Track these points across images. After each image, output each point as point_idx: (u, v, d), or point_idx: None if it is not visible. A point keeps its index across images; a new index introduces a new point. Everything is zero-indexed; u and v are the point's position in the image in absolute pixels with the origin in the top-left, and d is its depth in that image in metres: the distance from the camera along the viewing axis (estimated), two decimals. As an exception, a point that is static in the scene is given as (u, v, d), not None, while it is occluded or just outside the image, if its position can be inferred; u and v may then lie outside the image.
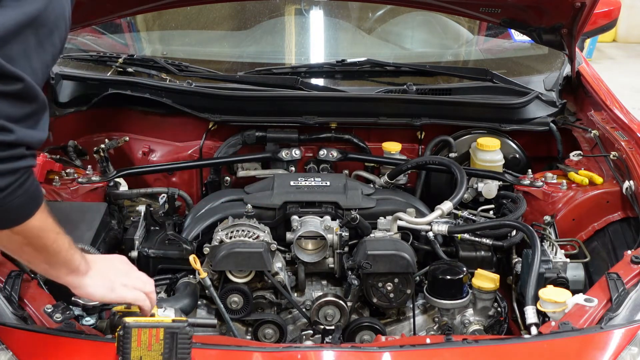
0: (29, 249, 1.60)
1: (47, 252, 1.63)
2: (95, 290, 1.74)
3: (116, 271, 1.80)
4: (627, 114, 2.83)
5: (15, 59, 1.42)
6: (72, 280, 1.71)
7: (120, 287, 1.77)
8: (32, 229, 1.55)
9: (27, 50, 1.45)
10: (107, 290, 1.76)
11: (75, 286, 1.73)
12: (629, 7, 8.93)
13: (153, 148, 3.02)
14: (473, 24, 3.58)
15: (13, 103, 1.43)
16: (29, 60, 1.45)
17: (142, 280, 1.83)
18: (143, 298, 1.80)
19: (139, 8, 2.96)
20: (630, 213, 2.44)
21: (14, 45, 1.42)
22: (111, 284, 1.76)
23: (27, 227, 1.53)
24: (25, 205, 1.51)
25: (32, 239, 1.57)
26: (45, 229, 1.59)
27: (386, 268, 2.26)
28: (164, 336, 1.65)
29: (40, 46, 1.47)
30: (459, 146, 2.93)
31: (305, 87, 2.99)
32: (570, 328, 1.83)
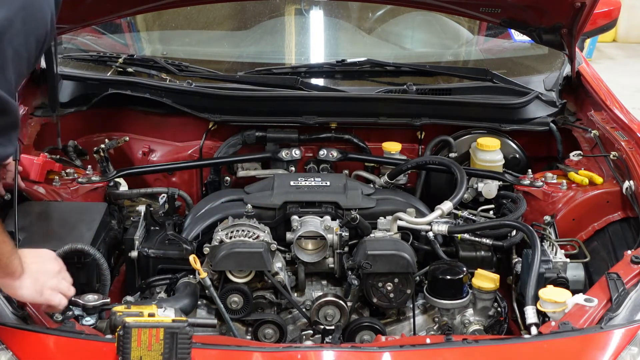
0: None
1: None
2: (25, 292, 1.79)
3: (46, 273, 1.84)
4: (627, 114, 2.83)
5: None
6: (5, 282, 1.76)
7: (48, 290, 1.82)
8: None
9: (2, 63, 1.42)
10: (36, 293, 1.80)
11: (7, 287, 1.77)
12: (629, 7, 8.93)
13: (153, 148, 3.02)
14: (473, 24, 3.58)
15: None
16: (3, 71, 1.43)
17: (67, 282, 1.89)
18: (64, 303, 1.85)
19: (139, 8, 2.96)
20: (630, 213, 2.44)
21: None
22: (40, 287, 1.81)
23: None
24: None
25: None
26: None
27: (386, 268, 2.26)
28: (164, 336, 1.65)
29: (16, 55, 1.44)
30: (459, 146, 2.93)
31: (305, 87, 2.99)
32: (570, 328, 1.83)
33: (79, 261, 2.25)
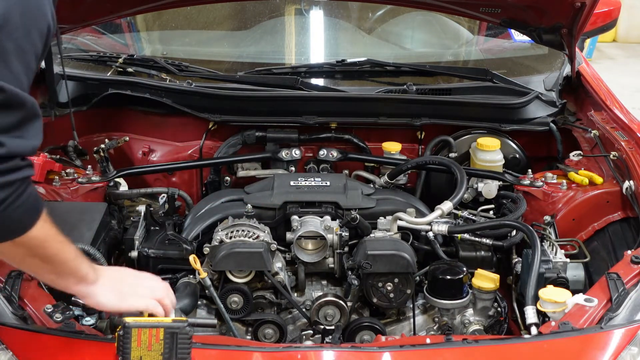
0: (34, 260, 1.59)
1: (52, 263, 1.62)
2: (105, 299, 1.74)
3: (126, 280, 1.80)
4: (627, 114, 2.83)
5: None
6: (80, 289, 1.71)
7: (131, 295, 1.77)
8: (34, 240, 1.54)
9: (4, 57, 1.41)
10: (117, 299, 1.75)
11: (84, 295, 1.72)
12: (629, 7, 8.93)
13: (153, 148, 3.02)
14: (473, 24, 3.58)
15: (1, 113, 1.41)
16: (8, 66, 1.42)
17: (151, 288, 1.82)
18: (154, 305, 1.79)
19: (139, 8, 2.96)
20: (630, 213, 2.44)
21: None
22: (121, 294, 1.76)
23: (28, 238, 1.52)
24: (24, 216, 1.50)
25: (35, 249, 1.56)
26: (48, 239, 1.58)
27: (386, 268, 2.26)
28: (164, 336, 1.65)
29: (19, 49, 1.43)
30: (459, 146, 2.93)
31: (305, 87, 2.99)
32: (570, 328, 1.83)
33: (79, 261, 2.25)
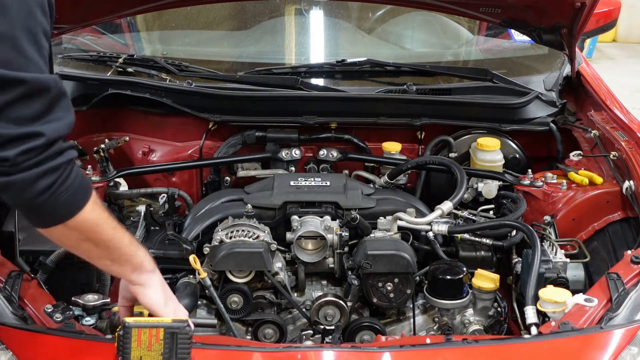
0: (88, 245, 1.60)
1: (106, 247, 1.62)
2: (156, 295, 1.73)
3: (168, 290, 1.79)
4: (627, 114, 2.83)
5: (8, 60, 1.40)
6: (137, 277, 1.71)
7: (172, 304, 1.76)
8: (86, 223, 1.55)
9: (14, 44, 1.42)
10: (163, 300, 1.75)
11: (139, 283, 1.71)
12: (629, 7, 8.93)
13: (153, 148, 3.01)
14: (473, 24, 3.58)
15: (27, 105, 1.43)
16: (22, 53, 1.42)
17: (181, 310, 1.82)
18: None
19: (139, 8, 2.96)
20: (630, 213, 2.44)
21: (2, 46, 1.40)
22: (165, 296, 1.76)
23: (80, 220, 1.54)
24: (72, 199, 1.51)
25: (88, 233, 1.57)
26: (100, 223, 1.59)
27: (386, 268, 2.26)
28: (164, 336, 1.65)
29: (27, 31, 1.43)
30: (459, 146, 2.93)
31: (305, 87, 2.99)
32: (570, 328, 1.83)
33: (79, 261, 2.23)
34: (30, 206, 1.49)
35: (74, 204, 1.53)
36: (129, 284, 1.73)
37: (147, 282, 1.72)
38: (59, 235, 1.57)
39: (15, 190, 1.45)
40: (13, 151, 1.42)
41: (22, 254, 2.18)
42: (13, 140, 1.42)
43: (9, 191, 1.46)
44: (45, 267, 2.18)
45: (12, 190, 1.45)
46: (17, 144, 1.42)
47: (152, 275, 1.73)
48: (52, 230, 1.55)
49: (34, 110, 1.44)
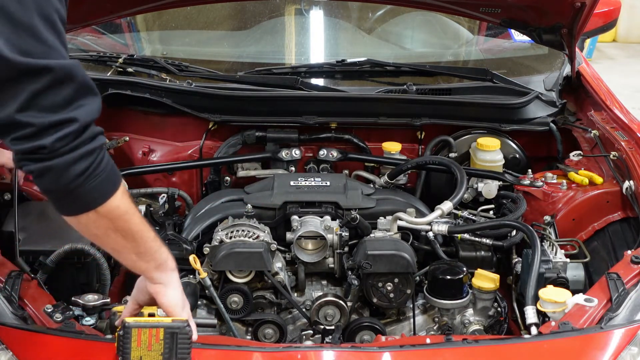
0: (116, 236, 1.60)
1: (134, 239, 1.62)
2: (175, 296, 1.73)
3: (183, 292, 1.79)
4: (627, 114, 2.83)
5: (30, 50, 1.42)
6: (159, 275, 1.70)
7: (187, 307, 1.76)
8: (117, 210, 1.56)
9: (34, 32, 1.43)
10: (181, 303, 1.74)
11: (161, 282, 1.71)
12: (629, 7, 8.93)
13: (153, 148, 3.01)
14: (473, 24, 3.58)
15: (56, 92, 1.44)
16: (43, 41, 1.44)
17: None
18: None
19: (139, 8, 2.96)
20: (630, 213, 2.44)
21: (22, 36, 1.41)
22: (183, 300, 1.75)
23: (111, 207, 1.55)
24: (106, 183, 1.53)
25: (118, 221, 1.58)
26: (129, 212, 1.60)
27: (386, 268, 2.26)
28: (164, 336, 1.65)
29: (44, 18, 1.44)
30: (459, 146, 2.93)
31: (305, 87, 2.99)
32: (570, 328, 1.83)
33: (79, 261, 2.25)
34: (65, 192, 1.50)
35: (107, 188, 1.54)
36: (150, 282, 1.72)
37: (169, 281, 1.72)
38: (88, 224, 1.57)
39: (52, 175, 1.46)
40: (49, 139, 1.43)
41: (22, 254, 2.18)
42: (48, 128, 1.43)
43: (46, 177, 1.47)
44: (45, 267, 2.18)
45: (49, 176, 1.47)
46: (53, 131, 1.44)
47: (173, 274, 1.73)
48: (82, 217, 1.55)
49: (64, 96, 1.45)
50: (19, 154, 1.47)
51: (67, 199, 1.52)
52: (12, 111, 1.42)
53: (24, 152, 1.46)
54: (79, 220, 1.56)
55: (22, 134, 1.44)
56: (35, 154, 1.45)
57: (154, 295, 1.73)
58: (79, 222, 1.57)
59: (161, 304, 1.72)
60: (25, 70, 1.41)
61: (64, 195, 1.51)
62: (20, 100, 1.42)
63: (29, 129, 1.43)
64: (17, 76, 1.41)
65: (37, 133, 1.43)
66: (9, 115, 1.42)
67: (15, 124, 1.43)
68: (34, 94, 1.42)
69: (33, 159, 1.46)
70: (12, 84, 1.41)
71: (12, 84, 1.41)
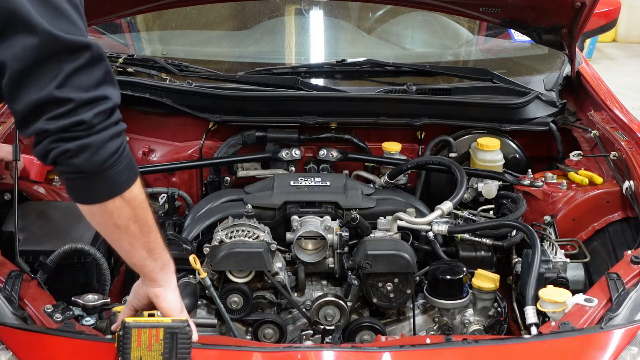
0: (135, 227, 1.61)
1: (149, 232, 1.64)
2: (174, 300, 1.73)
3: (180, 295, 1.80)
4: (627, 114, 2.83)
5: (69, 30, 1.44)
6: (162, 277, 1.71)
7: (185, 311, 1.77)
8: (139, 196, 1.59)
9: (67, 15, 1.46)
10: (179, 307, 1.75)
11: (162, 284, 1.71)
12: (629, 7, 8.93)
13: (153, 148, 3.01)
14: (473, 24, 3.58)
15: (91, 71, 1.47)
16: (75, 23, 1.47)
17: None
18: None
19: (139, 8, 2.96)
20: (630, 213, 2.44)
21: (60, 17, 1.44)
22: (181, 304, 1.76)
23: (134, 192, 1.58)
24: (130, 166, 1.57)
25: (138, 209, 1.59)
26: (146, 200, 1.63)
27: (386, 268, 2.26)
28: (164, 336, 1.65)
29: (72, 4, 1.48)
30: (459, 146, 2.93)
31: (305, 87, 2.99)
32: (570, 328, 1.83)
33: (79, 261, 2.25)
34: (99, 172, 1.50)
35: (132, 172, 1.57)
36: (151, 285, 1.72)
37: (169, 284, 1.73)
38: (113, 212, 1.57)
39: (90, 152, 1.47)
40: (89, 114, 1.45)
41: (22, 254, 2.18)
42: (86, 104, 1.46)
43: (83, 155, 1.48)
44: (45, 267, 2.18)
45: (86, 154, 1.47)
46: (91, 106, 1.46)
47: (174, 278, 1.74)
48: (109, 204, 1.55)
49: (96, 77, 1.48)
50: (53, 134, 1.46)
51: (98, 182, 1.53)
52: (51, 88, 1.43)
53: (61, 130, 1.45)
54: (105, 208, 1.56)
55: (60, 111, 1.45)
56: (73, 131, 1.45)
57: (154, 298, 1.73)
58: (104, 210, 1.57)
59: (161, 307, 1.72)
60: (69, 47, 1.43)
61: (96, 178, 1.52)
62: (60, 77, 1.44)
63: (68, 105, 1.44)
64: (60, 53, 1.43)
65: (75, 108, 1.45)
66: (48, 93, 1.44)
67: (54, 101, 1.44)
68: (71, 71, 1.44)
69: (70, 138, 1.46)
70: (53, 61, 1.43)
71: (54, 61, 1.43)
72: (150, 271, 1.70)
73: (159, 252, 1.69)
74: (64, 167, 1.50)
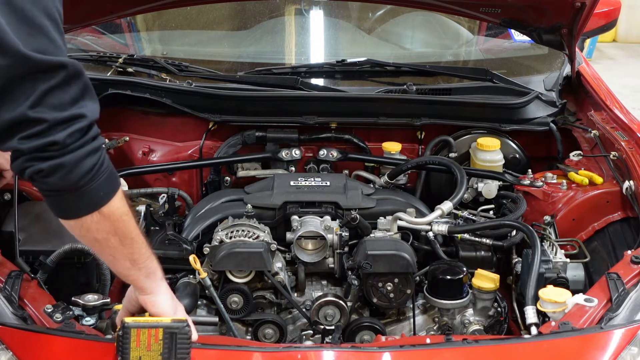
0: (115, 240, 1.60)
1: (130, 244, 1.63)
2: (166, 303, 1.73)
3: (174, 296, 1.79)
4: (627, 114, 2.83)
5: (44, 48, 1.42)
6: (149, 285, 1.71)
7: (180, 312, 1.76)
8: (118, 210, 1.57)
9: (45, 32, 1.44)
10: (171, 310, 1.74)
11: (150, 292, 1.71)
12: (629, 7, 8.93)
13: (153, 148, 3.01)
14: (473, 24, 3.58)
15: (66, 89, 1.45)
16: (53, 41, 1.45)
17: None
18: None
19: (139, 8, 2.96)
20: (630, 213, 2.44)
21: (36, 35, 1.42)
22: (174, 306, 1.76)
23: (113, 207, 1.56)
24: (109, 181, 1.55)
25: (118, 223, 1.58)
26: (127, 212, 1.61)
27: (386, 268, 2.26)
28: (163, 336, 1.65)
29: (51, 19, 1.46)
30: (459, 146, 2.93)
31: (305, 87, 2.99)
32: (570, 328, 1.83)
33: (79, 261, 2.25)
34: (73, 190, 1.50)
35: (110, 187, 1.55)
36: (139, 293, 1.72)
37: (157, 290, 1.72)
38: (91, 227, 1.57)
39: (63, 172, 1.46)
40: (62, 134, 1.44)
41: (22, 254, 2.18)
42: (60, 124, 1.44)
43: (56, 174, 1.47)
44: (45, 267, 2.18)
45: (60, 173, 1.47)
46: (64, 127, 1.44)
47: (162, 283, 1.74)
48: (86, 219, 1.55)
49: (72, 94, 1.46)
50: (26, 154, 1.45)
51: (74, 198, 1.52)
52: (24, 108, 1.42)
53: (34, 150, 1.45)
54: (82, 223, 1.56)
55: (33, 132, 1.43)
56: (46, 151, 1.44)
57: (144, 306, 1.73)
58: (81, 225, 1.56)
59: (152, 314, 1.73)
60: (43, 67, 1.42)
61: (72, 195, 1.51)
62: (33, 97, 1.42)
63: (41, 125, 1.43)
64: (34, 73, 1.41)
65: (49, 129, 1.43)
66: (21, 113, 1.42)
67: (27, 121, 1.43)
68: (46, 91, 1.43)
69: (43, 157, 1.45)
70: (27, 81, 1.42)
71: (27, 81, 1.42)
72: (135, 280, 1.71)
73: (143, 261, 1.68)
74: (39, 184, 1.51)
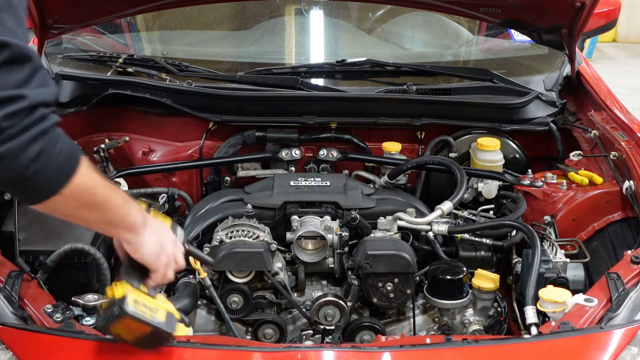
0: (84, 212, 1.57)
1: (102, 210, 1.59)
2: (149, 250, 1.72)
3: (167, 237, 1.78)
4: (627, 114, 2.83)
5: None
6: (130, 237, 1.70)
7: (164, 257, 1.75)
8: (81, 187, 1.51)
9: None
10: (155, 255, 1.73)
11: (131, 242, 1.71)
12: (629, 7, 8.93)
13: (153, 148, 3.01)
14: (473, 24, 3.58)
15: (9, 69, 1.38)
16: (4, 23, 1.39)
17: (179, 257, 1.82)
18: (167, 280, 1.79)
19: (139, 8, 2.96)
20: (630, 213, 2.44)
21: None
22: (160, 250, 1.74)
23: (74, 186, 1.49)
24: (65, 162, 1.46)
25: (83, 198, 1.53)
26: (94, 185, 1.54)
27: (386, 268, 2.26)
28: (150, 332, 1.66)
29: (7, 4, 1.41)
30: (459, 146, 2.93)
31: (305, 87, 2.99)
32: (570, 328, 1.83)
33: (79, 261, 2.25)
34: (23, 179, 1.41)
35: (67, 168, 1.47)
36: (124, 243, 1.72)
37: (139, 240, 1.71)
38: (55, 208, 1.52)
39: (6, 161, 1.37)
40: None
41: (22, 254, 2.18)
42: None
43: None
44: (45, 267, 2.18)
45: (2, 163, 1.36)
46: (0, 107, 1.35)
47: (144, 232, 1.71)
48: (48, 203, 1.49)
49: (18, 77, 1.38)
50: None
51: (26, 187, 1.44)
52: None
53: None
54: (46, 206, 1.50)
55: None
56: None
57: (129, 253, 1.73)
58: (46, 207, 1.50)
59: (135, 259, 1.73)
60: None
61: (23, 183, 1.42)
62: None
63: None
64: None
65: None
66: None
67: None
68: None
69: None
70: None
71: None
72: (116, 235, 1.72)
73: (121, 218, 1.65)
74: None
